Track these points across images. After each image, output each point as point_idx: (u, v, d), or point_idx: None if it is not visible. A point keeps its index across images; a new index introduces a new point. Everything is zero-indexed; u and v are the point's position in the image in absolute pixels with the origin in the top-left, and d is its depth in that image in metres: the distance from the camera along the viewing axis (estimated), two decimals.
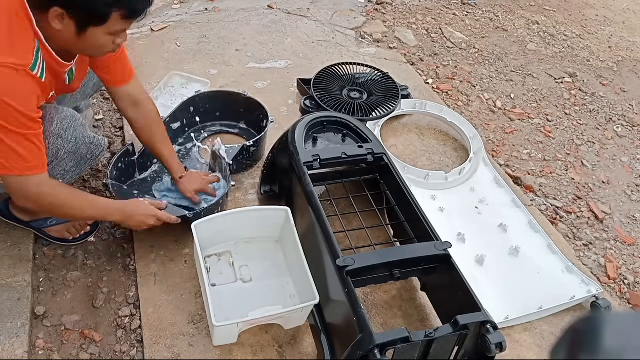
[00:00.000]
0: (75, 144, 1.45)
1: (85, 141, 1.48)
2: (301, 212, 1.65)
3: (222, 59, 2.63)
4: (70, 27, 1.24)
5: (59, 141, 1.42)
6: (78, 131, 1.45)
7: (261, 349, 1.49)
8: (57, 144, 1.41)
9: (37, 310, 1.52)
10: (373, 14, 3.26)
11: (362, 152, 1.73)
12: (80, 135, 1.46)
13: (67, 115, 1.43)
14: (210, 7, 3.07)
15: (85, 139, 1.47)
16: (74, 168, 1.50)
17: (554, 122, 2.62)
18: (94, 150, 1.52)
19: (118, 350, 1.48)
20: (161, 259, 1.68)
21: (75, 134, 1.44)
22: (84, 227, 1.72)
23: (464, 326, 1.28)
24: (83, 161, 1.52)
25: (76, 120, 1.45)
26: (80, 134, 1.46)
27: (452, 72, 2.85)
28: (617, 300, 1.82)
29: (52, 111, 1.40)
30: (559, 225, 2.07)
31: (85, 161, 1.52)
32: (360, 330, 1.27)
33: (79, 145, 1.46)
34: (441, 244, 1.47)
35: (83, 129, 1.47)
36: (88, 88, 1.78)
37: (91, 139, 1.50)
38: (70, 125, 1.43)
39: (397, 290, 1.69)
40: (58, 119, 1.41)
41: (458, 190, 2.06)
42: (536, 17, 3.51)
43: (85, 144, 1.48)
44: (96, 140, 1.52)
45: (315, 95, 2.25)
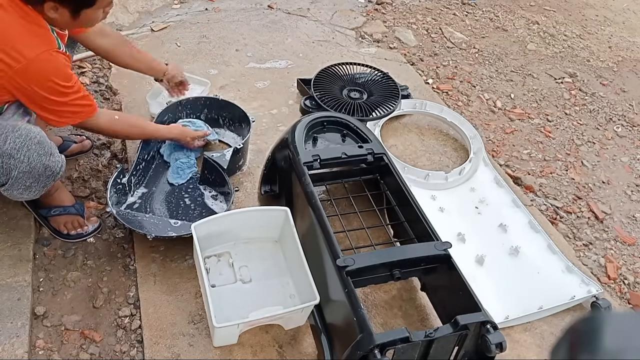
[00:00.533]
0: (28, 164, 1.40)
1: (40, 160, 1.42)
2: (301, 212, 1.65)
3: (222, 59, 2.63)
4: (64, 14, 1.38)
5: (11, 161, 1.38)
6: (32, 151, 1.40)
7: (261, 349, 1.49)
8: (9, 163, 1.39)
9: (37, 310, 1.52)
10: (373, 14, 3.26)
11: (362, 152, 1.73)
12: (34, 154, 1.40)
13: (22, 133, 1.39)
14: (210, 7, 3.07)
15: (41, 157, 1.42)
16: (35, 184, 1.46)
17: (554, 122, 2.62)
18: (52, 167, 1.46)
19: (118, 350, 1.48)
20: (161, 258, 1.68)
21: (28, 154, 1.39)
22: (83, 225, 1.73)
23: (464, 326, 1.28)
24: (43, 178, 1.46)
25: (30, 139, 1.39)
26: (34, 154, 1.40)
27: (452, 72, 2.85)
28: (617, 300, 1.82)
29: (7, 129, 1.38)
30: (559, 225, 2.07)
31: (46, 177, 1.47)
32: (360, 330, 1.27)
33: (33, 164, 1.41)
34: (441, 244, 1.47)
35: (39, 147, 1.41)
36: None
37: (47, 158, 1.44)
38: (24, 144, 1.38)
39: (397, 290, 1.69)
40: (12, 137, 1.37)
41: (458, 190, 2.06)
42: (536, 17, 3.51)
43: (41, 163, 1.43)
44: (52, 159, 1.45)
45: (315, 95, 2.25)
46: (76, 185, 1.89)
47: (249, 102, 2.36)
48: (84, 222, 1.74)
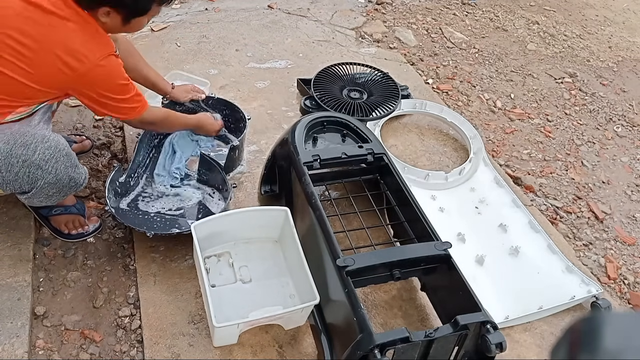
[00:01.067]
0: (55, 175, 1.43)
1: (67, 172, 1.45)
2: (301, 212, 1.65)
3: (222, 59, 2.63)
4: (116, 19, 1.45)
5: (38, 172, 1.40)
6: (60, 163, 1.43)
7: (261, 349, 1.49)
8: (36, 174, 1.40)
9: (37, 310, 1.52)
10: (373, 14, 3.26)
11: (362, 152, 1.73)
12: (61, 167, 1.43)
13: (51, 145, 1.41)
14: (210, 7, 3.07)
15: (67, 169, 1.45)
16: (57, 194, 1.50)
17: (554, 122, 2.62)
18: (76, 179, 1.50)
19: (118, 350, 1.48)
20: (161, 258, 1.68)
21: (56, 166, 1.42)
22: (84, 225, 1.73)
23: (464, 326, 1.28)
24: (66, 188, 1.50)
25: (59, 151, 1.43)
26: (61, 166, 1.43)
27: (452, 72, 2.85)
28: (617, 300, 1.82)
29: (37, 139, 1.40)
30: (559, 225, 2.07)
31: (68, 188, 1.51)
32: (360, 330, 1.27)
33: (60, 176, 1.44)
34: (441, 244, 1.47)
35: (66, 159, 1.45)
36: None
37: (73, 170, 1.48)
38: (52, 156, 1.41)
39: (397, 290, 1.69)
40: (41, 148, 1.39)
41: (458, 190, 2.06)
42: (536, 17, 3.51)
43: (67, 175, 1.46)
44: (77, 171, 1.50)
45: (315, 95, 2.25)
46: None
47: (249, 102, 2.36)
48: (85, 222, 1.73)
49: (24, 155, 1.38)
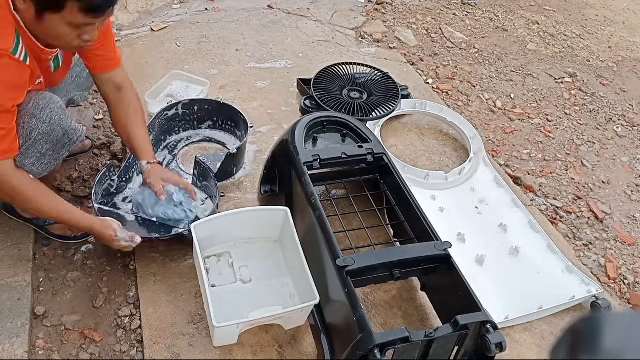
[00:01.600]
0: (49, 124, 1.39)
1: (61, 124, 1.42)
2: (301, 212, 1.65)
3: (222, 59, 2.63)
4: (30, 8, 1.22)
5: (32, 120, 1.37)
6: (54, 113, 1.40)
7: (261, 349, 1.49)
8: (30, 123, 1.37)
9: (37, 310, 1.52)
10: (373, 14, 3.26)
11: (362, 152, 1.73)
12: (56, 117, 1.40)
13: (45, 95, 1.40)
14: (210, 7, 3.07)
15: (62, 121, 1.42)
16: (50, 152, 1.44)
17: (554, 122, 2.62)
18: (71, 134, 1.45)
19: (118, 350, 1.48)
20: (161, 258, 1.68)
21: (50, 115, 1.39)
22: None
23: (464, 326, 1.28)
24: (60, 145, 1.45)
25: (54, 102, 1.41)
26: (56, 116, 1.40)
27: (452, 72, 2.85)
28: (617, 300, 1.82)
29: (32, 93, 1.38)
30: (559, 225, 2.07)
31: (62, 145, 1.46)
32: (360, 330, 1.27)
33: (54, 126, 1.40)
34: (441, 244, 1.47)
35: (61, 111, 1.42)
36: (82, 78, 1.76)
37: (68, 123, 1.44)
38: (47, 105, 1.39)
39: (397, 290, 1.69)
40: (35, 99, 1.38)
41: (458, 190, 2.06)
42: (536, 17, 3.51)
43: (61, 127, 1.42)
44: (73, 125, 1.46)
45: (315, 95, 2.25)
46: (76, 185, 1.89)
47: (249, 102, 2.36)
48: None
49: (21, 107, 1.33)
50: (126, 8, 2.92)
